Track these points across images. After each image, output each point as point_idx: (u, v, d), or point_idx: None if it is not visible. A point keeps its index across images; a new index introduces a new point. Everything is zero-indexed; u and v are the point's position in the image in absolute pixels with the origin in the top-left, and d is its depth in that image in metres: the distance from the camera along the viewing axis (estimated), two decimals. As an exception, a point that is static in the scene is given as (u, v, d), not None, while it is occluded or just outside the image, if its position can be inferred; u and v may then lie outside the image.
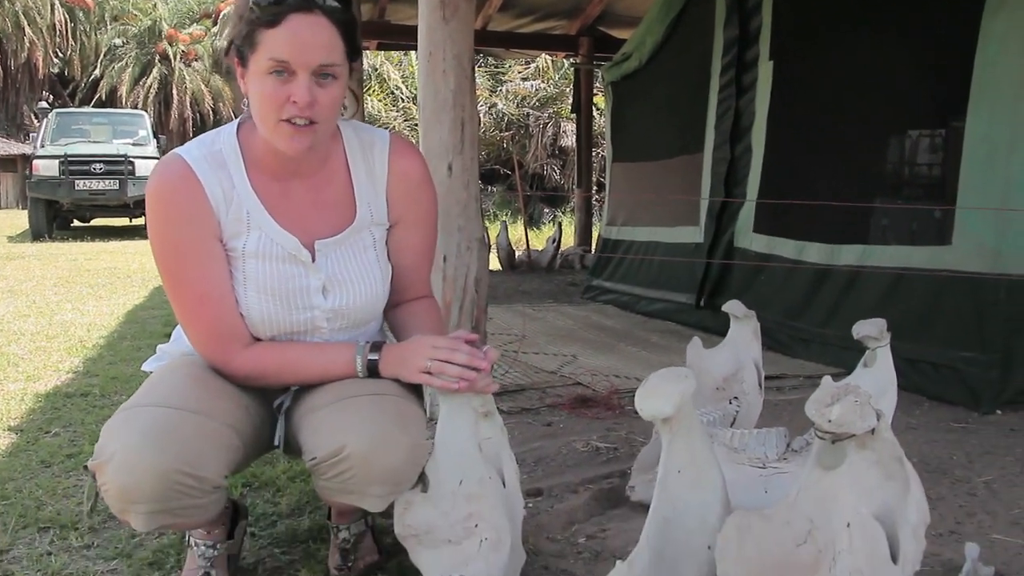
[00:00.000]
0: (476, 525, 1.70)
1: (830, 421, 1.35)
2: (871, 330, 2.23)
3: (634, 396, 1.54)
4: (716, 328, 2.98)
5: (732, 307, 2.65)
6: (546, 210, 18.85)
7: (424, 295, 2.06)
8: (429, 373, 1.73)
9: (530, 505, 2.39)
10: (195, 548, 1.93)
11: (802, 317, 4.53)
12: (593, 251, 8.57)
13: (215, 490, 1.67)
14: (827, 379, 1.44)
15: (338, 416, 1.73)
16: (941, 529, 2.22)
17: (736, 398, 2.56)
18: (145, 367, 2.02)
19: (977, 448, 2.97)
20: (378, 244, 1.94)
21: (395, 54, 21.75)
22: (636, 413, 3.26)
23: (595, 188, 12.74)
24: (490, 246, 7.40)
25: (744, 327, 2.64)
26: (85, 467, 1.69)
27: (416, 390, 1.90)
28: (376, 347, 1.82)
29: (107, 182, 14.75)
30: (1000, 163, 3.52)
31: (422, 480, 1.74)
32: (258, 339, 1.86)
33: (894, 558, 1.38)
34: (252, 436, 1.83)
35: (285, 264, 1.83)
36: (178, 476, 1.59)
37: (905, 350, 2.35)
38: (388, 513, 1.79)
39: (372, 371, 1.81)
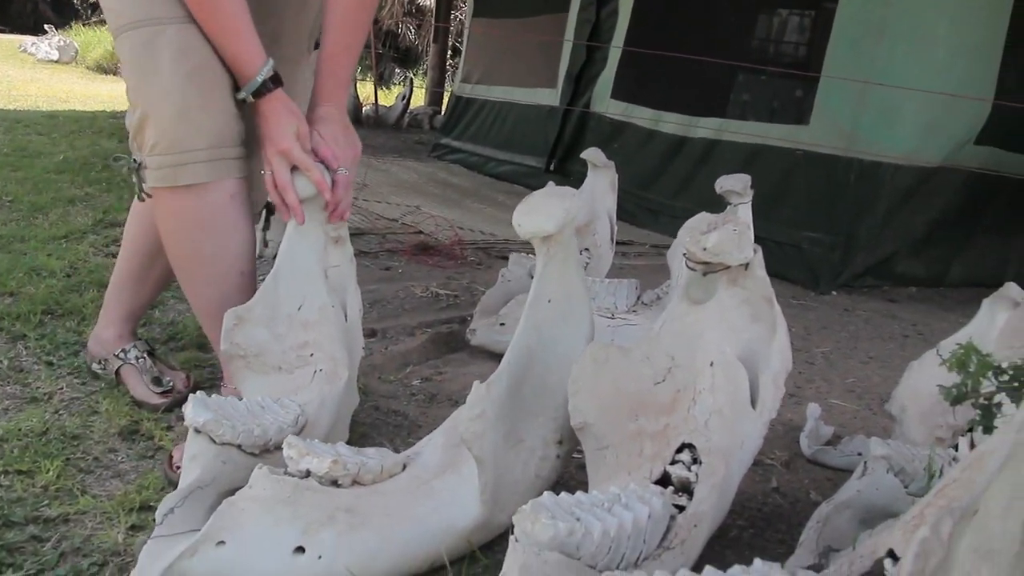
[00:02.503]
0: (311, 355, 1.54)
1: (705, 249, 1.23)
2: (735, 184, 2.13)
3: (478, 248, 1.38)
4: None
5: (592, 155, 2.52)
6: (397, 70, 18.27)
7: None
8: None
9: (364, 346, 2.24)
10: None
11: (653, 188, 4.47)
12: (444, 112, 8.30)
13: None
14: (703, 213, 1.32)
15: None
16: (782, 393, 2.19)
17: (587, 249, 2.45)
18: None
19: (815, 323, 2.99)
20: None
21: None
22: (479, 264, 3.16)
23: (450, 52, 12.36)
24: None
25: (602, 177, 2.51)
26: (115, 158, 1.48)
27: None
28: (267, 85, 1.55)
29: None
30: (868, 46, 3.48)
31: None
32: None
33: (753, 403, 1.29)
34: None
35: None
36: (231, 111, 1.53)
37: (754, 228, 2.27)
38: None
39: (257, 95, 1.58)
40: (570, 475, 1.64)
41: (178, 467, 1.53)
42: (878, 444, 1.40)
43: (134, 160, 1.54)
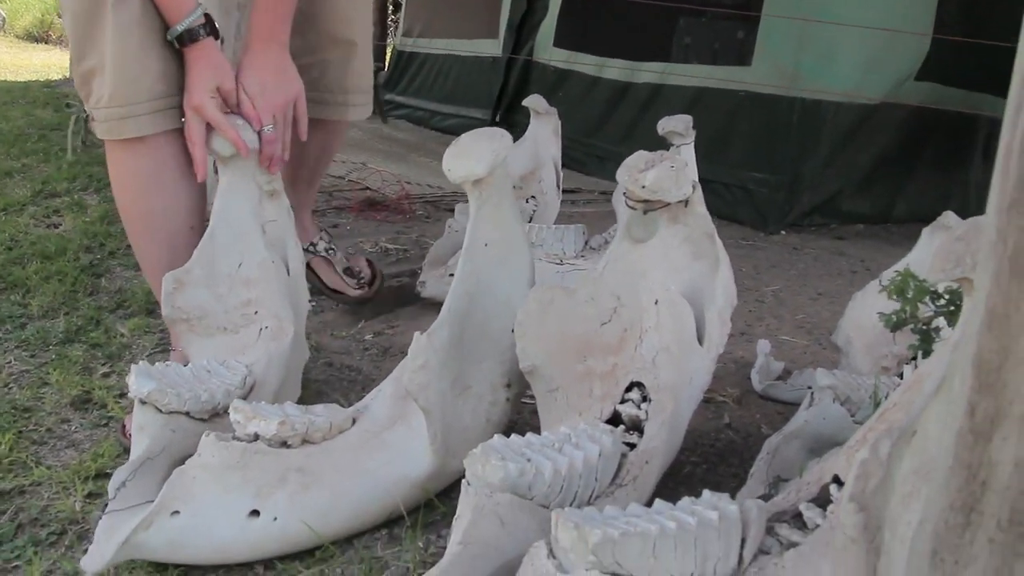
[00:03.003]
0: (255, 312, 1.52)
1: (644, 187, 1.23)
2: (677, 125, 2.13)
3: (426, 202, 1.37)
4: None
5: (533, 101, 2.50)
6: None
7: None
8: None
9: (314, 303, 2.22)
10: None
11: (599, 135, 4.47)
12: (387, 67, 8.20)
13: None
14: (640, 151, 1.31)
15: None
16: (733, 331, 2.20)
17: (533, 197, 2.44)
18: None
19: (764, 262, 3.01)
20: None
21: None
22: (427, 218, 3.15)
23: (391, 8, 12.18)
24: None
25: (545, 124, 2.50)
26: (67, 105, 1.44)
27: None
28: (193, 34, 1.49)
29: None
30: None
31: None
32: None
33: (700, 339, 1.30)
34: None
35: None
36: (173, 60, 1.49)
37: (700, 170, 2.29)
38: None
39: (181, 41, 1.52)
40: (524, 421, 1.65)
41: (131, 435, 1.51)
42: (824, 375, 1.42)
43: (83, 110, 1.52)
